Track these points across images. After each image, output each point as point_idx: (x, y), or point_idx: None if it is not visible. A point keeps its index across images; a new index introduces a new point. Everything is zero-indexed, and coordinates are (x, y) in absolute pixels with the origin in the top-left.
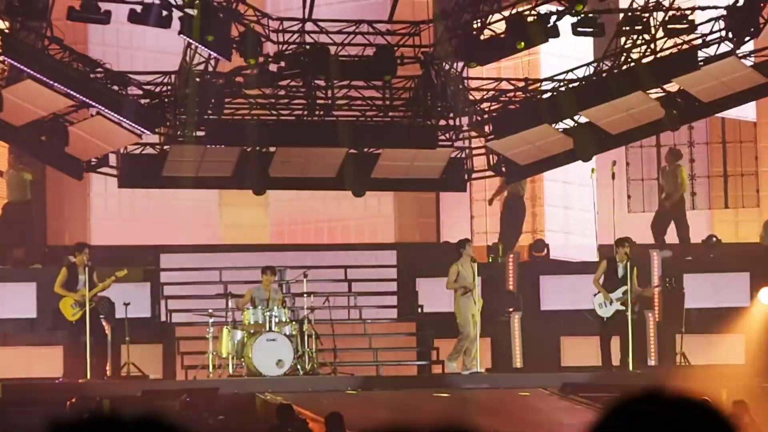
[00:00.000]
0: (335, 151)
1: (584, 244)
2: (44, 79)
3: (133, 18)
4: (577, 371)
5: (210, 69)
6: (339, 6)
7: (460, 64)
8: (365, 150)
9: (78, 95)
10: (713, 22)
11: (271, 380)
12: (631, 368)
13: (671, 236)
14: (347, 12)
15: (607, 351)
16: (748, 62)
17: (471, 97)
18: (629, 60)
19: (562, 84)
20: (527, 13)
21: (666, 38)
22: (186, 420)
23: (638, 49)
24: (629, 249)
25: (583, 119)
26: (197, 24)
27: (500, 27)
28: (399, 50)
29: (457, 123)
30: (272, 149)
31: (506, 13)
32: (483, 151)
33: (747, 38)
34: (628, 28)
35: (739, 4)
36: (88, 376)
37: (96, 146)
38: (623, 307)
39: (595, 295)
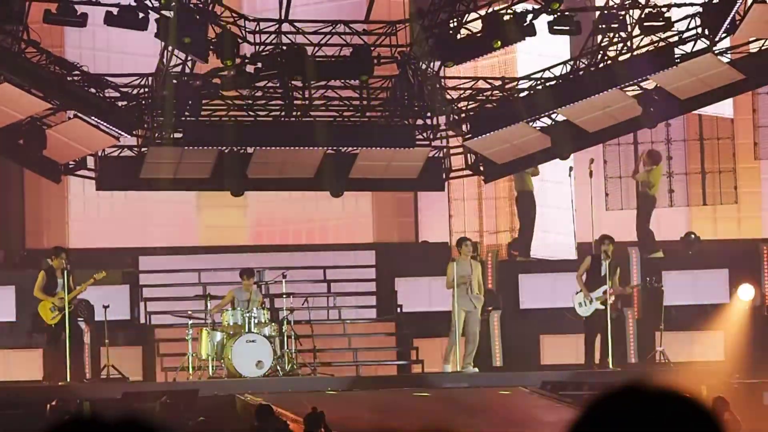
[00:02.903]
0: (313, 152)
1: (563, 243)
2: (21, 82)
3: (110, 20)
4: (557, 369)
5: (187, 71)
6: (315, 6)
7: (437, 63)
8: (343, 150)
9: (55, 98)
10: (689, 19)
11: (250, 381)
12: (610, 366)
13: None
14: (323, 12)
15: (590, 349)
16: (725, 59)
17: (448, 97)
18: (606, 58)
19: (539, 82)
20: (503, 11)
21: (642, 35)
22: (166, 422)
23: (615, 47)
24: (610, 248)
25: (560, 117)
26: (174, 26)
27: (476, 26)
28: (376, 50)
29: (435, 122)
30: (250, 150)
31: (482, 12)
32: (461, 150)
33: (723, 35)
34: (604, 25)
35: (714, 1)
36: (68, 379)
37: (74, 149)
38: (603, 306)
39: (576, 293)
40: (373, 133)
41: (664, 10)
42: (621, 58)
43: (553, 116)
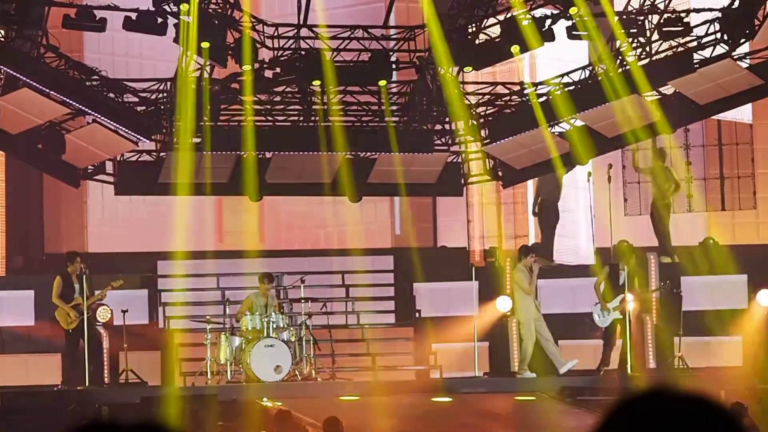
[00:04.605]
0: (331, 157)
1: (581, 248)
2: (40, 87)
3: (129, 25)
4: (576, 375)
5: (206, 75)
6: (334, 11)
7: (456, 68)
8: (361, 155)
9: (74, 103)
10: (708, 24)
11: (269, 386)
12: (629, 371)
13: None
14: (342, 17)
15: (607, 355)
16: (744, 64)
17: (466, 102)
18: (624, 63)
19: (557, 87)
20: (522, 17)
21: (661, 41)
22: (184, 427)
23: (633, 52)
24: (628, 255)
25: (578, 122)
26: (192, 31)
27: (495, 31)
28: (394, 55)
29: (453, 127)
30: (268, 155)
31: (501, 17)
32: (479, 155)
33: (742, 40)
34: (623, 30)
35: (734, 6)
36: (87, 384)
37: (92, 154)
38: (621, 316)
39: (595, 304)
40: (392, 138)
41: (683, 15)
42: (640, 63)
43: (572, 121)
